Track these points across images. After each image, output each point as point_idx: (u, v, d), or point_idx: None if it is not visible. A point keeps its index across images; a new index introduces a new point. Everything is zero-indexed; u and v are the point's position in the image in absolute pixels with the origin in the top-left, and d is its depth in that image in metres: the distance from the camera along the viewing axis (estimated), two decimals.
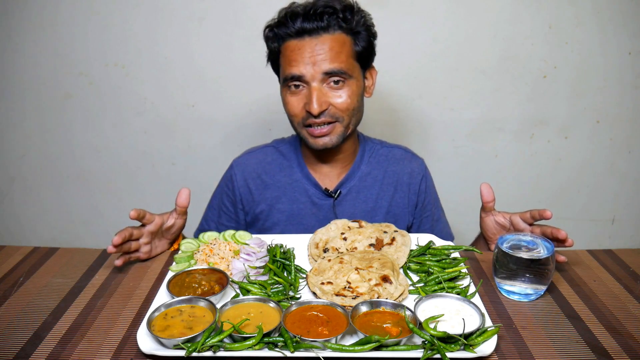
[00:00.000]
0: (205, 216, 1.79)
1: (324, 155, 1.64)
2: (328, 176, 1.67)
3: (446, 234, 1.79)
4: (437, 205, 1.80)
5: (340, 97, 1.48)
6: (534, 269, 1.18)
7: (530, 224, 1.41)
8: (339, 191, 1.65)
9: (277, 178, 1.69)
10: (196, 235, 1.69)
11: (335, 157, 1.65)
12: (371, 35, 1.54)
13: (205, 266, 1.29)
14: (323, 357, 0.98)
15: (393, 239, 1.40)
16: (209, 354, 0.99)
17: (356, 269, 1.24)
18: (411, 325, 1.01)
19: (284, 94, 1.53)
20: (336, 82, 1.47)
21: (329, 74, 1.45)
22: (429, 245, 1.39)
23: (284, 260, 1.32)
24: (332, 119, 1.50)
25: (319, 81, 1.46)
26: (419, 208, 1.74)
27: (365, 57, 1.54)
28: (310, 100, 1.46)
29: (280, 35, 1.49)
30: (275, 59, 1.55)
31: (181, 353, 0.98)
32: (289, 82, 1.49)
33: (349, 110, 1.51)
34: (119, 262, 1.33)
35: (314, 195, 1.66)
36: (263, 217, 1.68)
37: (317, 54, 1.44)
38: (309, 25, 1.44)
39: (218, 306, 1.10)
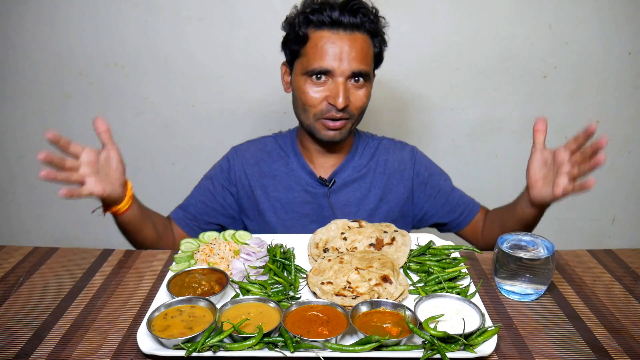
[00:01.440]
0: (191, 195, 1.75)
1: (325, 147, 1.67)
2: (323, 167, 1.70)
3: (467, 202, 1.75)
4: (445, 179, 1.77)
5: (359, 96, 1.53)
6: (534, 269, 1.18)
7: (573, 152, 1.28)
8: (333, 180, 1.67)
9: (274, 167, 1.71)
10: (175, 213, 1.68)
11: (334, 149, 1.68)
12: (384, 42, 1.58)
13: (205, 266, 1.29)
14: (323, 357, 0.98)
15: (393, 239, 1.40)
16: (209, 354, 0.99)
17: (356, 268, 1.24)
18: (411, 325, 1.01)
19: (302, 82, 1.53)
20: (357, 81, 1.51)
21: (355, 74, 1.49)
22: (429, 245, 1.39)
23: (284, 260, 1.32)
24: (347, 116, 1.54)
25: (345, 77, 1.49)
26: (423, 190, 1.73)
27: (377, 61, 1.60)
28: (337, 94, 1.48)
29: (313, 22, 1.49)
30: (297, 46, 1.54)
31: (181, 353, 0.98)
32: (315, 73, 1.50)
33: (361, 110, 1.57)
34: (63, 191, 1.21)
35: (308, 184, 1.68)
36: (257, 204, 1.69)
37: (349, 51, 1.47)
38: (345, 19, 1.47)
39: (218, 306, 1.10)
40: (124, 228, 1.49)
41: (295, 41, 1.54)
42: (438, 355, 0.97)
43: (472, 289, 1.21)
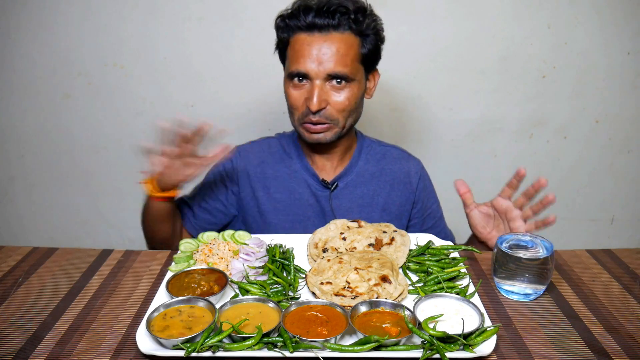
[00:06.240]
0: (192, 193, 1.76)
1: (319, 149, 1.66)
2: (325, 169, 1.69)
3: (448, 233, 1.81)
4: (438, 205, 1.81)
5: (339, 98, 1.50)
6: (533, 269, 1.18)
7: (521, 206, 1.46)
8: (335, 183, 1.66)
9: (276, 168, 1.71)
10: (179, 204, 1.71)
11: (331, 151, 1.67)
12: (379, 40, 1.55)
13: (204, 266, 1.29)
14: (322, 357, 0.98)
15: (392, 239, 1.40)
16: (208, 354, 0.99)
17: (355, 268, 1.24)
18: (410, 325, 1.01)
19: (287, 85, 1.55)
20: (339, 83, 1.49)
21: (331, 76, 1.47)
22: (428, 245, 1.39)
23: (283, 260, 1.32)
24: (327, 121, 1.52)
25: (322, 79, 1.48)
26: (419, 207, 1.74)
27: (370, 60, 1.56)
28: (310, 96, 1.48)
29: (290, 26, 1.50)
30: (283, 49, 1.57)
31: (180, 353, 0.98)
32: (294, 76, 1.51)
33: (345, 112, 1.53)
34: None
35: (312, 186, 1.67)
36: (259, 205, 1.69)
37: (324, 53, 1.45)
38: (320, 20, 1.45)
39: (217, 306, 1.10)
40: (153, 215, 1.57)
41: (279, 46, 1.57)
42: (437, 355, 0.97)
43: (472, 288, 1.22)
